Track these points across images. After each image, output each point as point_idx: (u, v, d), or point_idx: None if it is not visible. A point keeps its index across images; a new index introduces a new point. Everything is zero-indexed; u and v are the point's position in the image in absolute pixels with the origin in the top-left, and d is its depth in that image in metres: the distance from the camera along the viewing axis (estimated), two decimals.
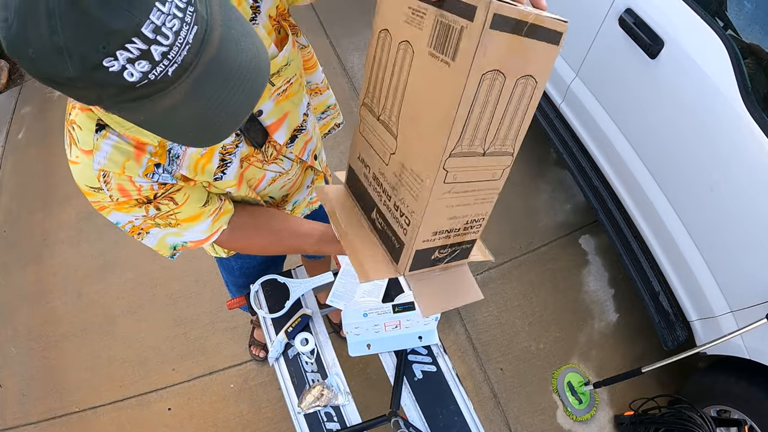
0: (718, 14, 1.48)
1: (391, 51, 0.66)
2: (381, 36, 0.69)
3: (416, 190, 0.65)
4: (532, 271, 2.22)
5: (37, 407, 2.19)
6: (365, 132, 0.77)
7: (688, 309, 1.72)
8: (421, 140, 0.62)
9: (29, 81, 3.52)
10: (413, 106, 0.64)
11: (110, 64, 0.46)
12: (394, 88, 0.67)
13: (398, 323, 1.21)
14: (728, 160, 1.42)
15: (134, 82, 0.48)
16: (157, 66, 0.48)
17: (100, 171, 0.72)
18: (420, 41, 0.60)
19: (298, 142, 0.97)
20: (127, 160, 0.72)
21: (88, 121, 0.70)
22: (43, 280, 2.53)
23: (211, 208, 0.87)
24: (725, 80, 1.37)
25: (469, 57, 0.52)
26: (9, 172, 3.04)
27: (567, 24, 0.60)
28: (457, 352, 2.06)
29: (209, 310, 2.29)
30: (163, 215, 0.81)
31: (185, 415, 2.07)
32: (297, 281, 1.32)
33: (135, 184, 0.75)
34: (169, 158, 0.76)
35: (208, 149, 0.79)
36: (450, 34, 0.55)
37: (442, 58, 0.56)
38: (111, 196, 0.74)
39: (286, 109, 0.90)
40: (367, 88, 0.74)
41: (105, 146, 0.71)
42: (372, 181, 0.76)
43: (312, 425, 1.16)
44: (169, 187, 0.79)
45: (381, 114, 0.71)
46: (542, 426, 1.93)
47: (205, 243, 0.91)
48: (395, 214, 0.71)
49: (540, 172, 2.49)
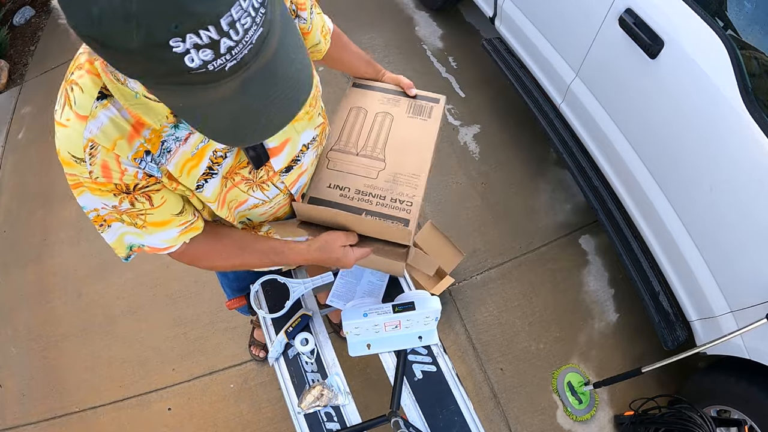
0: (718, 14, 1.48)
1: (368, 117, 1.07)
2: (354, 110, 1.09)
3: (414, 182, 1.00)
4: (532, 271, 2.22)
5: (37, 407, 2.19)
6: (337, 166, 1.03)
7: (688, 309, 1.72)
8: (411, 157, 1.03)
9: (29, 81, 3.52)
10: (399, 141, 1.04)
11: (176, 44, 0.45)
12: (375, 135, 1.06)
13: (398, 323, 1.21)
14: (728, 160, 1.42)
15: (192, 68, 0.48)
16: (219, 58, 0.48)
17: (89, 141, 0.68)
18: (398, 111, 1.08)
19: (292, 174, 0.95)
20: (119, 138, 0.69)
21: (92, 85, 0.67)
22: (43, 280, 2.53)
23: (183, 219, 0.83)
24: (725, 80, 1.37)
25: (439, 116, 1.09)
26: (9, 172, 3.04)
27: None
28: (457, 352, 2.06)
29: (209, 310, 2.29)
30: (133, 213, 0.77)
31: (185, 415, 2.07)
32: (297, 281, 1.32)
33: (120, 166, 0.70)
34: (161, 149, 0.73)
35: (198, 153, 0.77)
36: (423, 108, 1.09)
37: (420, 118, 1.07)
38: (91, 172, 0.69)
39: (288, 134, 0.88)
40: (338, 140, 1.06)
41: (102, 116, 0.67)
42: (355, 196, 0.99)
43: (312, 425, 1.16)
44: (152, 181, 0.75)
45: (360, 152, 1.04)
46: (542, 426, 1.93)
47: (161, 252, 0.86)
48: (394, 205, 0.98)
49: (540, 172, 2.49)
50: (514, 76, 2.33)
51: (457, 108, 2.71)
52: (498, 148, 2.57)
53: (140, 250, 0.87)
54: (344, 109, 1.09)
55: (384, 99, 1.10)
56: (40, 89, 3.43)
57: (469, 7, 2.98)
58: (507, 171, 2.49)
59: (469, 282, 2.21)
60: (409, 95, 1.09)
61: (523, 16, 2.17)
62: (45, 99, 3.32)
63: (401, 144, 1.03)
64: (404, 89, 1.11)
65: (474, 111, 2.70)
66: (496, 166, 2.51)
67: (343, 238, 0.99)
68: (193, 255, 0.92)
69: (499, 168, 2.51)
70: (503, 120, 2.65)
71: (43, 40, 3.80)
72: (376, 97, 1.10)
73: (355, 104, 1.09)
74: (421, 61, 2.90)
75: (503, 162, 2.52)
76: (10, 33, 3.88)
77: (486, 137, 2.60)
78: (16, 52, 3.78)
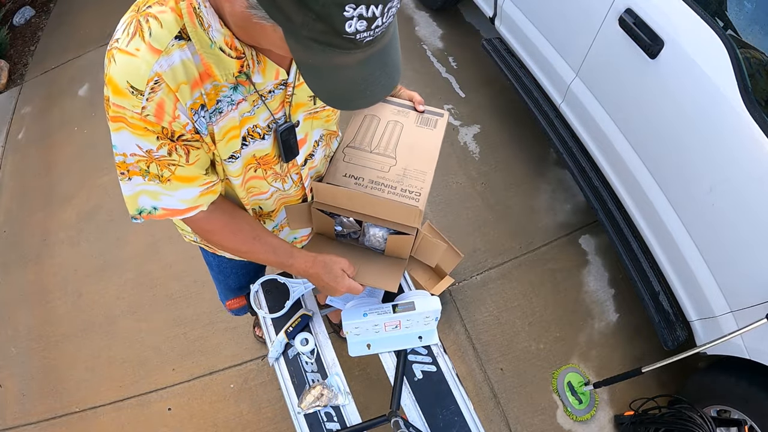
0: (718, 14, 1.48)
1: (381, 124, 1.19)
2: (368, 117, 1.21)
3: (422, 177, 1.11)
4: (532, 271, 2.22)
5: (37, 407, 2.19)
6: (353, 160, 1.13)
7: (688, 309, 1.72)
8: (419, 157, 1.14)
9: (29, 81, 3.52)
10: (408, 144, 1.16)
11: (349, 9, 0.53)
12: (387, 138, 1.17)
13: (398, 323, 1.21)
14: (728, 160, 1.42)
15: (347, 32, 0.55)
16: (367, 32, 0.56)
17: (156, 75, 0.68)
18: (408, 121, 1.20)
19: (306, 167, 1.03)
20: (184, 83, 0.71)
21: (173, 23, 0.68)
22: (43, 280, 2.53)
23: (208, 179, 0.85)
24: (725, 80, 1.37)
25: (443, 127, 1.21)
26: (9, 172, 3.04)
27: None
28: (457, 352, 2.06)
29: (209, 310, 2.29)
30: (164, 162, 0.77)
31: (185, 415, 2.07)
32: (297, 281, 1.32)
33: (175, 111, 0.72)
34: (215, 107, 0.76)
35: (242, 122, 0.81)
36: (430, 121, 1.21)
37: (426, 128, 1.20)
38: (144, 108, 0.69)
39: (306, 129, 0.95)
40: (354, 138, 1.17)
41: (176, 55, 0.69)
42: (368, 184, 1.09)
43: (312, 425, 1.16)
44: (196, 138, 0.77)
45: (374, 149, 1.15)
46: (542, 426, 1.93)
47: (177, 216, 0.87)
48: (404, 194, 1.08)
49: (540, 172, 2.49)
50: (514, 76, 2.33)
51: (457, 108, 2.71)
52: (498, 148, 2.57)
53: (149, 217, 0.86)
54: (359, 116, 1.21)
55: (395, 111, 1.22)
56: (40, 89, 3.43)
57: (469, 7, 2.98)
58: (507, 171, 2.49)
59: (469, 282, 2.21)
60: (418, 110, 1.21)
61: (523, 16, 2.17)
62: (45, 99, 3.32)
63: (410, 146, 1.15)
64: (414, 105, 1.22)
65: (474, 111, 2.70)
66: (496, 166, 2.51)
67: (345, 264, 1.04)
68: (210, 226, 0.94)
69: (499, 168, 2.51)
70: (503, 120, 2.65)
71: (43, 40, 3.80)
72: (389, 109, 1.22)
73: (369, 113, 1.21)
74: (421, 61, 2.90)
75: (503, 162, 2.52)
76: (10, 33, 3.88)
77: (486, 137, 2.60)
78: (16, 52, 3.78)
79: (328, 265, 1.02)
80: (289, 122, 0.88)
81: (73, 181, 2.83)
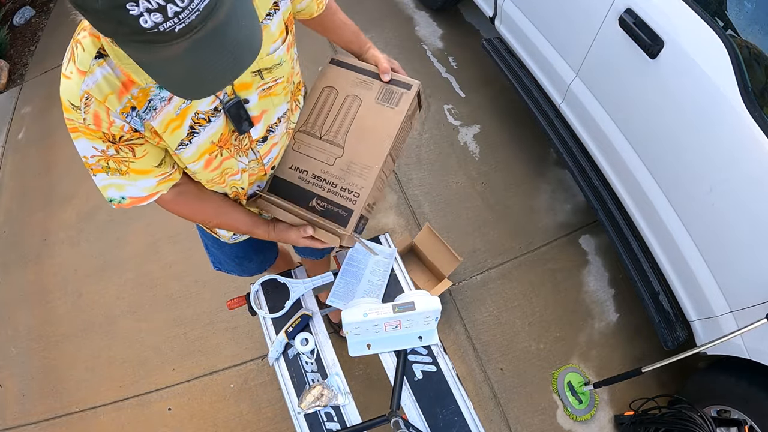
0: (718, 14, 1.48)
1: (338, 99, 1.11)
2: (326, 90, 1.12)
3: (366, 174, 1.05)
4: (532, 271, 2.22)
5: (37, 407, 2.19)
6: (301, 148, 1.11)
7: (688, 309, 1.72)
8: (370, 145, 1.07)
9: (29, 81, 3.52)
10: (361, 128, 1.08)
11: (132, 8, 0.56)
12: (341, 120, 1.09)
13: (398, 323, 1.21)
14: (728, 160, 1.42)
15: (146, 28, 0.58)
16: (168, 21, 0.58)
17: (85, 93, 0.78)
18: (368, 96, 1.10)
19: (266, 144, 1.04)
20: (110, 93, 0.78)
21: (91, 46, 0.77)
22: (43, 280, 2.53)
23: (161, 170, 0.93)
24: (725, 80, 1.37)
25: (406, 106, 1.08)
26: (9, 172, 3.04)
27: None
28: (457, 352, 2.06)
29: (209, 310, 2.29)
30: (118, 159, 0.87)
31: (185, 415, 2.07)
32: (297, 281, 1.32)
33: (109, 118, 0.80)
34: (147, 106, 0.82)
35: (181, 113, 0.86)
36: (393, 95, 1.09)
37: (387, 105, 1.08)
38: (85, 119, 0.80)
39: (265, 106, 0.97)
40: (306, 120, 1.12)
41: (98, 73, 0.77)
42: (311, 180, 1.08)
43: (312, 425, 1.16)
44: (136, 135, 0.85)
45: (324, 135, 1.10)
46: (542, 426, 1.93)
47: (142, 203, 0.96)
48: (343, 194, 1.05)
49: (540, 172, 2.49)
50: (514, 76, 2.33)
51: (457, 108, 2.71)
52: (498, 148, 2.57)
53: (120, 206, 0.96)
54: (317, 89, 1.13)
55: (357, 81, 1.11)
56: (40, 89, 3.43)
57: (469, 7, 2.98)
58: (507, 171, 2.49)
59: (468, 282, 2.21)
60: (383, 80, 1.10)
61: (523, 16, 2.17)
62: (45, 99, 3.32)
63: (362, 131, 1.08)
64: (380, 73, 1.11)
65: (474, 111, 2.70)
66: (496, 166, 2.51)
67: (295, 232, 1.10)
68: (176, 208, 1.03)
69: (499, 168, 2.51)
70: (503, 120, 2.65)
71: (43, 40, 3.80)
72: (350, 78, 1.12)
73: (329, 83, 1.13)
74: (421, 61, 2.90)
75: (503, 162, 2.52)
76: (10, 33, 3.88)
77: (486, 137, 2.60)
78: (16, 52, 3.78)
79: (281, 235, 1.12)
80: (234, 98, 0.91)
81: (73, 181, 2.83)
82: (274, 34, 0.89)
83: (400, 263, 1.39)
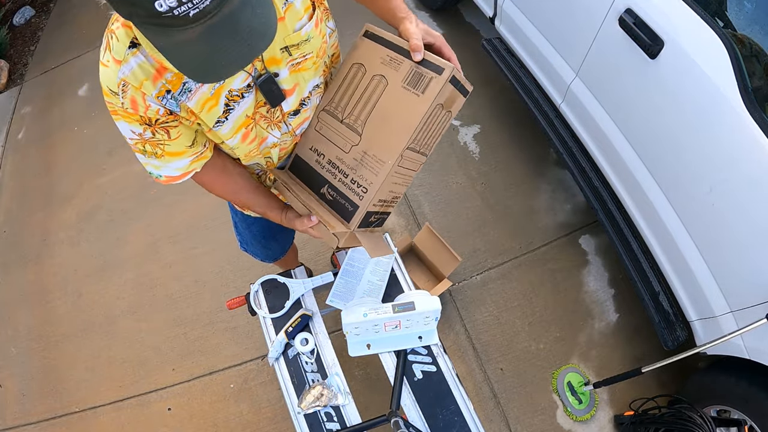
0: (718, 14, 1.48)
1: (364, 79, 1.01)
2: (355, 66, 1.03)
3: (377, 168, 0.96)
4: (532, 271, 2.22)
5: (37, 407, 2.19)
6: (323, 129, 1.05)
7: (688, 309, 1.72)
8: (387, 136, 0.96)
9: (29, 81, 3.52)
10: (382, 115, 0.97)
11: None
12: (363, 103, 1.00)
13: (398, 323, 1.21)
14: (728, 160, 1.42)
15: (161, 11, 0.60)
16: (182, 6, 0.60)
17: (122, 80, 0.82)
18: (395, 78, 0.97)
19: (298, 117, 1.05)
20: (145, 80, 0.83)
21: (125, 35, 0.81)
22: (43, 280, 2.54)
23: (194, 150, 0.97)
24: (725, 80, 1.37)
25: (434, 94, 0.92)
26: (9, 172, 3.04)
27: (471, 87, 1.02)
28: (457, 352, 2.06)
29: (209, 310, 2.29)
30: (154, 142, 0.92)
31: (185, 415, 2.07)
32: (297, 281, 1.32)
33: (145, 102, 0.85)
34: (181, 89, 0.86)
35: (215, 92, 0.89)
36: (422, 79, 0.94)
37: (413, 91, 0.94)
38: (123, 103, 0.85)
39: (296, 80, 0.98)
40: (332, 99, 1.05)
41: (132, 62, 0.82)
42: (326, 165, 1.03)
43: (312, 425, 1.16)
44: (171, 118, 0.89)
45: (345, 118, 1.02)
46: (542, 426, 1.93)
47: (178, 180, 1.01)
48: (352, 186, 0.99)
49: (540, 172, 2.49)
50: (514, 76, 2.33)
51: None
52: (498, 148, 2.57)
53: (158, 180, 1.02)
54: (346, 64, 1.05)
55: (387, 58, 0.98)
56: (40, 89, 3.43)
57: (469, 7, 2.98)
58: (507, 171, 2.49)
59: (468, 282, 2.21)
60: (414, 60, 0.96)
61: (523, 16, 2.17)
62: (45, 99, 3.32)
63: (383, 119, 0.98)
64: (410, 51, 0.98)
65: (474, 111, 2.70)
66: (496, 166, 2.51)
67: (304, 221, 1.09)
68: (204, 179, 1.07)
69: (499, 168, 2.51)
70: (503, 120, 2.65)
71: (43, 40, 3.80)
72: (380, 54, 1.00)
73: (358, 60, 1.03)
74: None
75: (503, 162, 2.52)
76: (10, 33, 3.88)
77: (486, 137, 2.60)
78: (16, 52, 3.78)
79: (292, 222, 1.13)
80: (266, 73, 0.93)
81: (73, 181, 2.83)
82: (299, 12, 0.91)
83: (400, 263, 1.39)
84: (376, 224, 1.07)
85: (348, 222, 0.99)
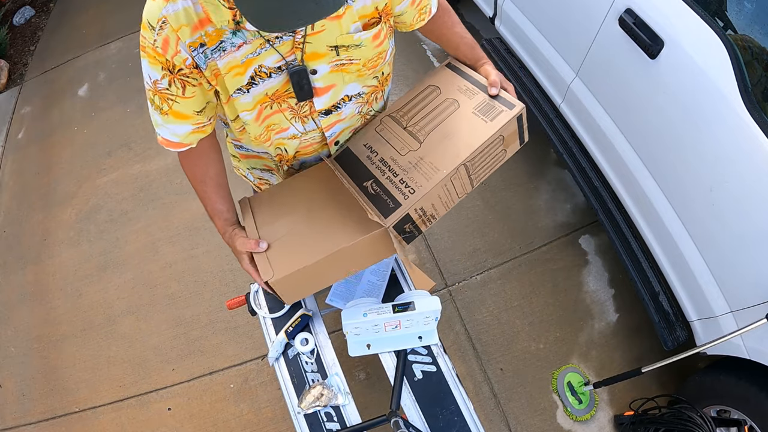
0: (718, 14, 1.48)
1: (437, 99, 1.08)
2: (431, 87, 1.11)
3: (431, 174, 0.99)
4: (532, 271, 2.22)
5: (37, 407, 2.19)
6: (383, 131, 1.10)
7: (688, 309, 1.72)
8: (448, 149, 1.00)
9: (29, 81, 3.52)
10: (446, 132, 1.03)
11: None
12: (431, 118, 1.06)
13: (398, 323, 1.21)
14: (728, 160, 1.42)
15: None
16: None
17: (163, 17, 0.84)
18: (467, 104, 1.04)
19: (330, 117, 1.06)
20: (185, 25, 0.85)
21: None
22: (43, 280, 2.53)
23: (199, 119, 0.98)
24: (725, 80, 1.37)
25: (501, 123, 0.99)
26: (9, 172, 3.04)
27: (528, 139, 1.09)
28: (457, 352, 2.06)
29: (209, 310, 2.29)
30: (165, 95, 0.93)
31: (185, 415, 2.07)
32: None
33: (177, 47, 0.87)
34: (216, 46, 0.88)
35: (246, 62, 0.90)
36: (492, 110, 1.01)
37: (482, 117, 1.01)
38: (155, 40, 0.87)
39: (335, 80, 0.99)
40: (401, 108, 1.11)
41: (180, 3, 0.84)
42: (377, 162, 1.06)
43: (312, 425, 1.16)
44: (195, 73, 0.90)
45: (408, 126, 1.07)
46: (542, 426, 1.93)
47: (171, 148, 1.02)
48: (399, 186, 1.01)
49: (540, 172, 2.49)
50: (514, 76, 2.33)
51: None
52: None
53: (158, 139, 1.03)
54: (423, 84, 1.13)
55: (463, 87, 1.07)
56: (40, 89, 3.43)
57: (469, 7, 2.97)
58: (507, 171, 2.49)
59: (469, 282, 2.21)
60: (490, 94, 1.04)
61: (523, 16, 2.17)
62: (45, 99, 3.32)
63: (446, 134, 1.03)
64: (488, 86, 1.06)
65: None
66: None
67: (251, 245, 1.06)
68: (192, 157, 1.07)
69: (499, 168, 2.50)
70: None
71: (43, 40, 3.80)
72: (457, 83, 1.09)
73: (435, 83, 1.11)
74: (420, 61, 2.90)
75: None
76: (10, 33, 3.88)
77: None
78: (16, 52, 3.78)
79: (234, 246, 1.09)
80: (301, 65, 0.93)
81: (73, 181, 2.83)
82: (354, 15, 0.92)
83: (401, 263, 1.39)
84: (406, 237, 1.06)
85: (386, 218, 0.99)
